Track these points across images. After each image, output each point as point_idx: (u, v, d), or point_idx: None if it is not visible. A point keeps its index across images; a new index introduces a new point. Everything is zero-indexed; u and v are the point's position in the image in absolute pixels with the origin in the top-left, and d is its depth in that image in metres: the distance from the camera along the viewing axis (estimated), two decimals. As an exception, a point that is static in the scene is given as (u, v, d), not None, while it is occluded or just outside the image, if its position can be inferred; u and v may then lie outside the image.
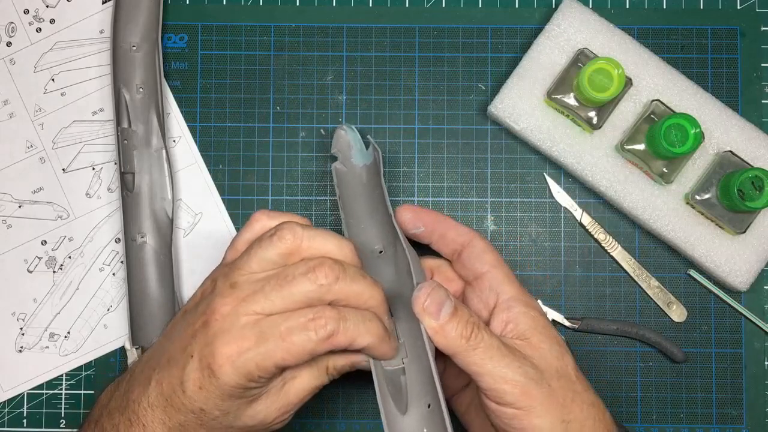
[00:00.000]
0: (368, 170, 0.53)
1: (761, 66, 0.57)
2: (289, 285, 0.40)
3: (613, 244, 0.56)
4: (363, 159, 0.53)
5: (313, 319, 0.40)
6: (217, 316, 0.41)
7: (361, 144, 0.53)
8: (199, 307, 0.42)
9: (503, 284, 0.46)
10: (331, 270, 0.40)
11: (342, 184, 0.53)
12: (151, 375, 0.42)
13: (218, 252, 0.57)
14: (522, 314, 0.44)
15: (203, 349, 0.40)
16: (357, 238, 0.50)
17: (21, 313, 0.57)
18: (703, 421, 0.55)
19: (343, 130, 0.53)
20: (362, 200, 0.52)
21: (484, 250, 0.47)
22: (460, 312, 0.42)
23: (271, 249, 0.41)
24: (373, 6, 0.59)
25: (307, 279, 0.40)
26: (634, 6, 0.58)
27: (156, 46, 0.56)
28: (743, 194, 0.51)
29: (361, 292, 0.41)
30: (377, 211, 0.51)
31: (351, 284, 0.41)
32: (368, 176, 0.52)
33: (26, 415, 0.56)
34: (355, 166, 0.53)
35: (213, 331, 0.40)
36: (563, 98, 0.54)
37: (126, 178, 0.56)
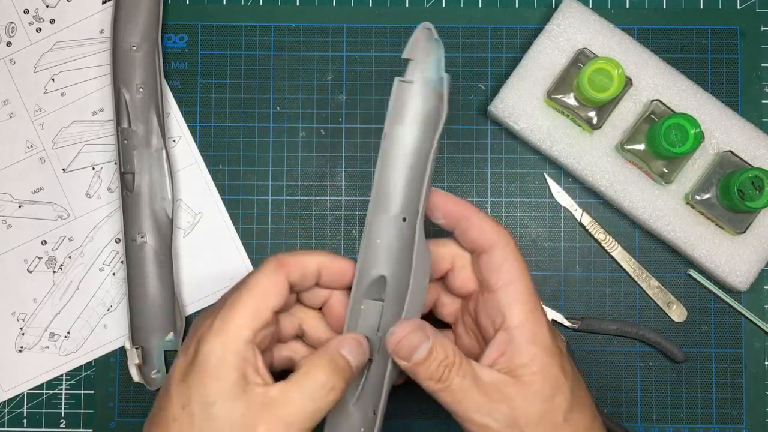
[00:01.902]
0: (435, 101, 0.42)
1: (761, 66, 0.57)
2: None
3: (613, 244, 0.56)
4: (437, 80, 0.42)
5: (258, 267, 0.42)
6: (198, 320, 0.42)
7: (442, 55, 0.42)
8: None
9: (513, 308, 0.41)
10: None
11: (398, 102, 0.43)
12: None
13: (218, 252, 0.57)
14: (520, 348, 0.40)
15: (186, 343, 0.41)
16: (385, 188, 0.43)
17: (21, 313, 0.57)
18: (703, 421, 0.55)
19: (429, 29, 0.42)
20: (413, 134, 0.43)
21: (502, 261, 0.42)
22: (435, 354, 0.40)
23: None
24: (373, 6, 0.59)
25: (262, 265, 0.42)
26: (634, 6, 0.58)
27: (156, 46, 0.56)
28: (743, 194, 0.51)
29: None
30: (419, 164, 0.43)
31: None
32: (432, 109, 0.43)
33: (26, 415, 0.56)
34: (426, 82, 0.43)
35: (191, 335, 0.41)
36: (563, 98, 0.54)
37: (126, 178, 0.56)
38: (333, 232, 0.57)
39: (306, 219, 0.57)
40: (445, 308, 0.47)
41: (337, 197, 0.57)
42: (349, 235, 0.57)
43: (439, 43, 0.41)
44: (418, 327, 0.40)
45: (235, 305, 0.40)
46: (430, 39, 0.42)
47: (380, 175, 0.43)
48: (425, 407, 0.55)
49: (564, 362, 0.41)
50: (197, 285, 0.57)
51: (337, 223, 0.57)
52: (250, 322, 0.39)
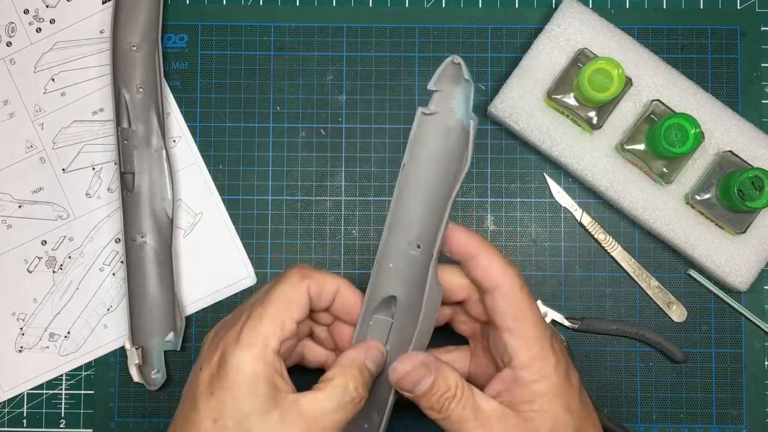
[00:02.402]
0: (458, 137, 0.41)
1: (761, 66, 0.57)
2: (269, 286, 0.43)
3: (613, 244, 0.56)
4: (464, 114, 0.41)
5: (281, 274, 0.43)
6: (218, 329, 0.43)
7: (471, 94, 0.40)
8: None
9: (518, 351, 0.41)
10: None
11: (420, 135, 0.42)
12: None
13: (218, 252, 0.57)
14: (524, 387, 0.40)
15: (208, 354, 0.41)
16: (401, 216, 0.43)
17: (21, 313, 0.57)
18: (703, 421, 0.55)
19: (458, 62, 0.40)
20: (433, 168, 0.42)
21: (507, 304, 0.41)
22: (436, 387, 0.40)
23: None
24: (373, 6, 0.59)
25: (285, 274, 0.43)
26: (634, 6, 0.58)
27: (156, 46, 0.56)
28: (743, 194, 0.51)
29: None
30: (438, 198, 0.42)
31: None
32: (454, 145, 0.41)
33: (26, 415, 0.56)
34: (452, 114, 0.41)
35: (214, 340, 0.42)
36: (563, 98, 0.54)
37: (126, 178, 0.56)
38: (333, 232, 0.57)
39: (306, 219, 0.57)
40: (462, 325, 0.47)
41: (337, 197, 0.57)
42: (349, 235, 0.57)
43: (469, 82, 0.40)
44: (420, 363, 0.41)
45: (263, 317, 0.40)
46: (459, 75, 0.40)
47: (397, 203, 0.43)
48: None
49: (572, 401, 0.41)
50: (197, 285, 0.57)
51: (337, 223, 0.57)
52: (277, 333, 0.40)
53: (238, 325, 0.41)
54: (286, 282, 0.42)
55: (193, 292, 0.57)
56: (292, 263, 0.57)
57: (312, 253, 0.57)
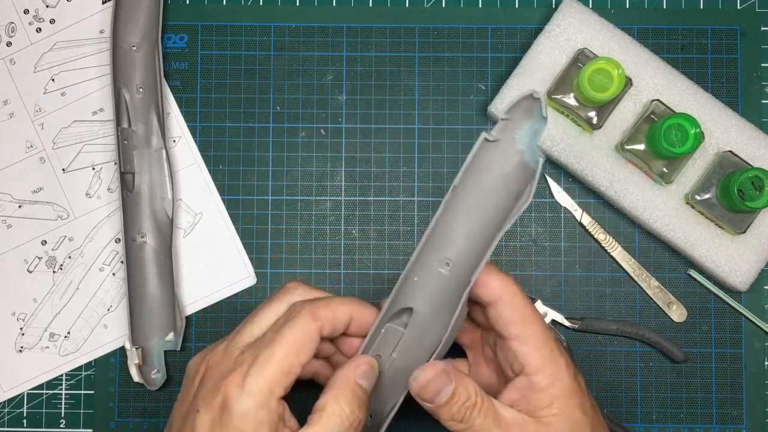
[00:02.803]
0: (519, 171, 0.40)
1: (761, 66, 0.57)
2: (269, 304, 0.42)
3: (613, 244, 0.56)
4: (529, 149, 0.40)
5: (290, 311, 0.41)
6: (211, 364, 0.41)
7: (542, 132, 0.40)
8: (188, 382, 0.42)
9: (529, 357, 0.41)
10: (305, 284, 0.43)
11: (479, 160, 0.40)
12: None
13: (218, 252, 0.57)
14: (540, 392, 0.41)
15: (207, 396, 0.39)
16: (441, 235, 0.42)
17: (21, 313, 0.57)
18: (703, 421, 0.55)
19: (538, 97, 0.39)
20: (486, 196, 0.41)
21: (511, 313, 0.41)
22: (457, 396, 0.40)
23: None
24: (373, 6, 0.59)
25: (285, 292, 0.43)
26: (634, 6, 0.58)
27: (156, 46, 0.56)
28: (743, 194, 0.51)
29: (338, 300, 0.43)
30: (486, 227, 0.41)
31: (327, 293, 0.44)
32: (514, 179, 0.40)
33: (26, 415, 0.56)
34: (515, 146, 0.40)
35: (211, 378, 0.40)
36: (563, 98, 0.54)
37: (126, 178, 0.56)
38: (333, 232, 0.57)
39: (306, 219, 0.57)
40: (463, 334, 0.47)
41: (337, 197, 0.57)
42: (349, 235, 0.57)
43: (544, 120, 0.39)
44: (441, 371, 0.41)
45: (270, 362, 0.39)
46: (535, 110, 0.39)
47: (438, 222, 0.42)
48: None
49: (584, 400, 0.42)
50: (197, 285, 0.57)
51: (337, 223, 0.57)
52: (284, 380, 0.39)
53: (242, 367, 0.39)
54: (296, 325, 0.40)
55: (193, 292, 0.57)
56: (292, 263, 0.57)
57: (312, 253, 0.57)
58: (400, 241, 0.57)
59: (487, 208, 0.41)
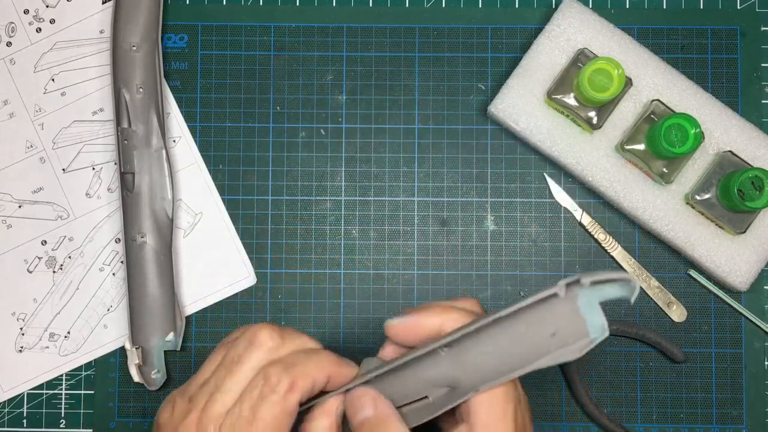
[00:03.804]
0: (569, 334, 0.38)
1: (761, 66, 0.57)
2: (238, 366, 0.39)
3: (613, 244, 0.56)
4: (597, 323, 0.38)
5: (265, 383, 0.38)
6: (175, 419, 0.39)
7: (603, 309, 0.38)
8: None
9: (479, 407, 0.38)
10: (272, 331, 0.39)
11: (541, 307, 0.37)
12: None
13: (218, 252, 0.57)
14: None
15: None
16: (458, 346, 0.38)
17: (21, 313, 0.57)
18: (703, 421, 0.55)
19: (634, 288, 0.36)
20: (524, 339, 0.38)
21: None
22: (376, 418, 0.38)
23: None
24: (373, 6, 0.59)
25: (254, 349, 0.39)
26: (634, 6, 0.58)
27: (156, 46, 0.56)
28: (743, 194, 0.51)
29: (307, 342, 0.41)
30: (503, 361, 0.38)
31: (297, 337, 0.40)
32: (559, 337, 0.38)
33: (26, 415, 0.56)
34: (578, 314, 0.38)
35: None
36: (563, 98, 0.54)
37: (126, 178, 0.56)
38: (333, 232, 0.57)
39: (306, 219, 0.57)
40: None
41: (337, 197, 0.57)
42: (349, 235, 0.57)
43: (628, 302, 0.36)
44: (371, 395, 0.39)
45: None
46: (625, 291, 0.37)
47: (464, 338, 0.38)
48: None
49: None
50: (197, 285, 0.57)
51: (337, 223, 0.57)
52: None
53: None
54: (276, 403, 0.38)
55: (193, 292, 0.57)
56: (292, 263, 0.57)
57: (312, 253, 0.57)
58: (400, 241, 0.57)
59: (521, 346, 0.38)
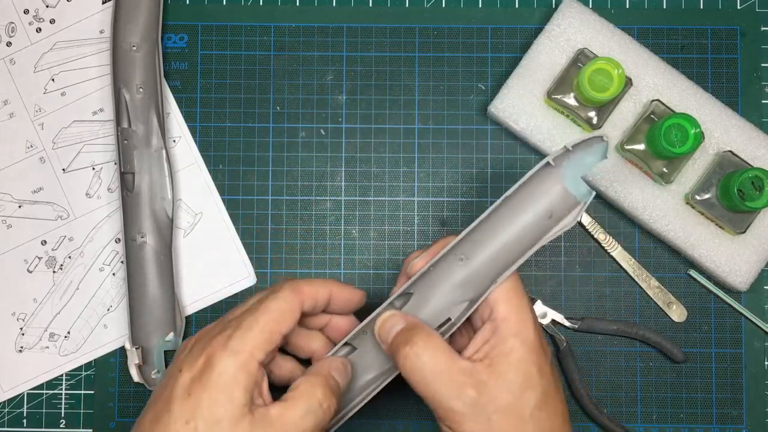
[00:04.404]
0: (565, 197, 0.43)
1: (761, 66, 0.57)
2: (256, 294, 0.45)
3: (613, 244, 0.56)
4: (576, 181, 0.43)
5: (274, 286, 0.44)
6: (200, 336, 0.43)
7: (590, 167, 0.44)
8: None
9: (499, 303, 0.42)
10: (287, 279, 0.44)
11: (535, 180, 0.44)
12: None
13: (218, 252, 0.57)
14: (503, 338, 0.42)
15: (190, 359, 0.40)
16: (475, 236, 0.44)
17: (21, 313, 0.57)
18: (703, 421, 0.55)
19: (606, 142, 0.43)
20: (528, 213, 0.44)
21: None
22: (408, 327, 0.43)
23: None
24: (373, 6, 0.59)
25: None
26: (634, 6, 0.58)
27: (156, 46, 0.56)
28: (743, 194, 0.51)
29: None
30: (520, 240, 0.44)
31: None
32: (558, 206, 0.43)
33: (26, 415, 0.56)
34: (564, 173, 0.43)
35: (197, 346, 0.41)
36: (563, 98, 0.54)
37: (126, 178, 0.56)
38: (333, 232, 0.57)
39: (306, 219, 0.57)
40: None
41: (337, 197, 0.57)
42: (349, 235, 0.57)
43: (602, 159, 0.43)
44: (399, 315, 0.43)
45: (253, 327, 0.41)
46: (599, 152, 0.43)
47: (481, 224, 0.44)
48: (424, 408, 0.55)
49: (543, 363, 0.42)
50: (197, 285, 0.57)
51: (337, 223, 0.57)
52: (264, 345, 0.41)
53: (227, 331, 0.41)
54: (279, 296, 0.42)
55: (193, 292, 0.57)
56: (292, 263, 0.57)
57: (312, 253, 0.57)
58: (400, 241, 0.57)
59: (522, 225, 0.44)
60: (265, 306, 0.42)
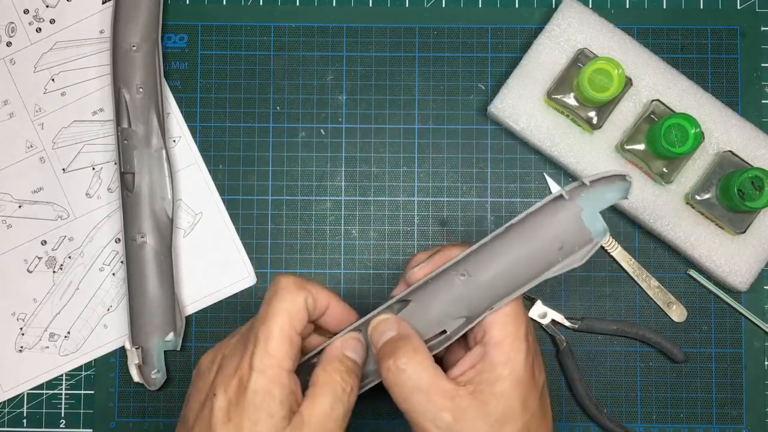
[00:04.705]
0: (579, 233, 0.41)
1: (761, 66, 0.57)
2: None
3: (613, 244, 0.56)
4: (595, 219, 0.41)
5: (274, 283, 0.42)
6: (226, 353, 0.42)
7: (608, 203, 0.41)
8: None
9: (494, 327, 0.41)
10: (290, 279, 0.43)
11: (545, 212, 0.41)
12: None
13: (218, 252, 0.57)
14: (491, 366, 0.40)
15: (224, 381, 0.40)
16: (482, 254, 0.42)
17: (21, 313, 0.57)
18: (703, 421, 0.55)
19: (629, 180, 0.40)
20: (536, 245, 0.41)
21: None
22: (398, 337, 0.42)
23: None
24: (373, 6, 0.59)
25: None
26: (634, 6, 0.58)
27: (156, 46, 0.56)
28: (743, 194, 0.51)
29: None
30: (516, 275, 0.42)
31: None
32: (570, 238, 0.41)
33: (26, 415, 0.56)
34: (581, 210, 0.41)
35: (227, 365, 0.41)
36: (563, 98, 0.54)
37: (126, 178, 0.56)
38: (333, 232, 0.57)
39: (306, 219, 0.57)
40: None
41: (337, 197, 0.57)
42: (349, 235, 0.57)
43: (623, 198, 0.40)
44: (393, 319, 0.43)
45: (270, 338, 0.40)
46: (621, 190, 0.40)
47: (482, 247, 0.42)
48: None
49: (529, 396, 0.41)
50: (197, 285, 0.57)
51: (337, 223, 0.57)
52: (289, 352, 0.40)
53: (249, 348, 0.40)
54: (285, 296, 0.41)
55: (193, 292, 0.57)
56: (292, 263, 0.57)
57: (312, 253, 0.57)
58: (400, 241, 0.57)
59: (531, 253, 0.42)
60: (274, 309, 0.41)
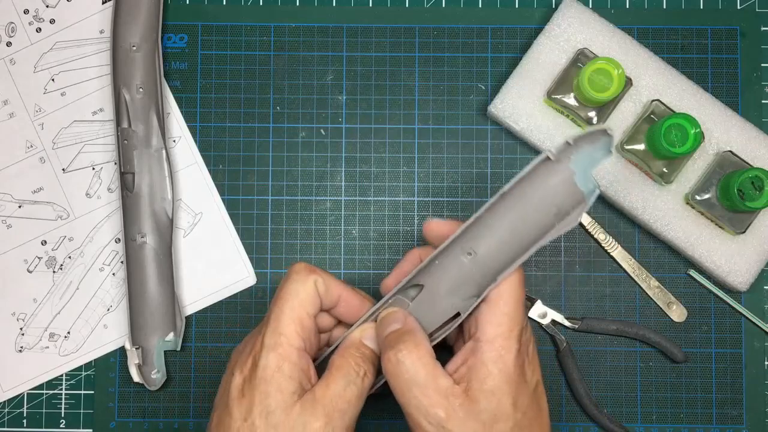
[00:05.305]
0: (570, 196, 0.41)
1: (761, 66, 0.57)
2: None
3: (613, 244, 0.56)
4: (584, 176, 0.41)
5: (289, 270, 0.44)
6: (247, 340, 0.44)
7: (597, 162, 0.41)
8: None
9: (487, 324, 0.41)
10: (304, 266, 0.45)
11: (534, 175, 0.41)
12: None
13: (218, 252, 0.57)
14: (481, 363, 0.40)
15: (240, 362, 0.42)
16: (477, 230, 0.42)
17: (21, 313, 0.57)
18: (703, 421, 0.55)
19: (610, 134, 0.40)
20: (530, 209, 0.42)
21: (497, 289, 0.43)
22: (402, 329, 0.43)
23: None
24: (373, 6, 0.59)
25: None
26: (634, 6, 0.58)
27: (156, 46, 0.56)
28: (743, 194, 0.51)
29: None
30: (523, 237, 0.42)
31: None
32: (563, 202, 0.41)
33: (26, 415, 0.56)
34: (570, 169, 0.41)
35: (245, 349, 0.43)
36: (563, 98, 0.54)
37: (126, 178, 0.56)
38: (333, 232, 0.57)
39: (306, 219, 0.57)
40: None
41: (337, 197, 0.57)
42: (349, 235, 0.57)
43: (609, 154, 0.40)
44: (401, 312, 0.44)
45: (280, 317, 0.42)
46: (603, 143, 0.40)
47: (478, 220, 0.42)
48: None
49: (520, 395, 0.41)
50: (197, 285, 0.57)
51: (337, 223, 0.57)
52: (298, 331, 0.42)
53: (262, 329, 0.42)
54: (295, 279, 0.43)
55: (193, 292, 0.57)
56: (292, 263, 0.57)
57: (312, 253, 0.57)
58: (400, 241, 0.57)
59: (528, 221, 0.42)
60: (284, 292, 0.43)
